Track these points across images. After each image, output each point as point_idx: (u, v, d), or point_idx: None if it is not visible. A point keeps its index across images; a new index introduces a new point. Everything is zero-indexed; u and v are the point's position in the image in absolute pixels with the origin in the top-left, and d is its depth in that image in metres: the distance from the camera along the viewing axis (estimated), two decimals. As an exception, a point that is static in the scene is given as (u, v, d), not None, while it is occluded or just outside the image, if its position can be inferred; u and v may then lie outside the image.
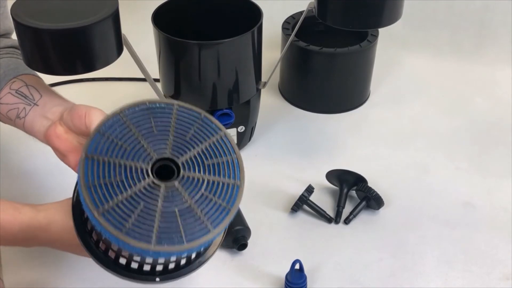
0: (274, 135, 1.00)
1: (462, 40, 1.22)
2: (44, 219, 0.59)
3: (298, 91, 1.08)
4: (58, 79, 1.08)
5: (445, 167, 0.93)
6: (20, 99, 0.72)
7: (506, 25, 1.19)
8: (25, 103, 0.71)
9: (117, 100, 1.06)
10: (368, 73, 1.07)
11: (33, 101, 0.71)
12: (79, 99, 1.10)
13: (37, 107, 0.71)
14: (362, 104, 1.09)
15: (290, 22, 1.06)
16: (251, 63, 0.86)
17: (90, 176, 0.49)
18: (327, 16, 0.81)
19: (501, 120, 1.04)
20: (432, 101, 1.09)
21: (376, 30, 1.03)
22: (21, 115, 0.71)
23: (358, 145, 0.98)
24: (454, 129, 1.02)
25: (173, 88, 0.87)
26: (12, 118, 0.72)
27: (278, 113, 1.06)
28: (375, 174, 0.88)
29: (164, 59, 0.85)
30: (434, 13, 1.22)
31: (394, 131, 1.01)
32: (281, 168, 0.92)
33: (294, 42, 1.00)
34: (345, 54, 1.00)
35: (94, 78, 1.12)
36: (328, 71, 1.03)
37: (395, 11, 0.79)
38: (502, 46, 1.20)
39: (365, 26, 0.85)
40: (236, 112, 0.88)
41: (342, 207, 0.83)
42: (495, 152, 0.96)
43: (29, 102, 0.71)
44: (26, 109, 0.71)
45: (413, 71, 1.19)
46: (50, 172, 0.90)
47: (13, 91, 0.73)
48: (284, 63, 1.08)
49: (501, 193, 0.87)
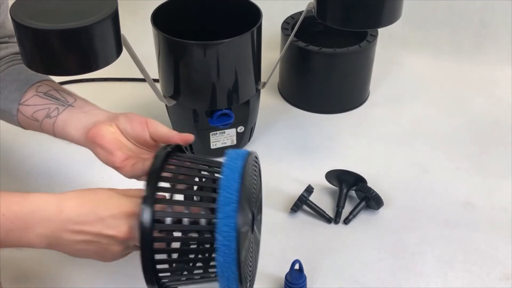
0: (274, 135, 1.00)
1: (462, 40, 1.22)
2: (55, 198, 0.57)
3: (297, 91, 1.08)
4: (58, 79, 1.08)
5: (445, 167, 0.93)
6: (51, 100, 0.73)
7: (506, 25, 1.19)
8: (57, 104, 0.73)
9: (116, 100, 1.07)
10: (368, 73, 1.07)
11: (67, 103, 0.73)
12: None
13: (73, 108, 0.72)
14: (361, 104, 1.09)
15: (289, 22, 1.06)
16: (251, 63, 0.86)
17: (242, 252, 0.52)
18: (326, 16, 0.81)
19: (501, 120, 1.04)
20: (432, 101, 1.09)
21: (376, 30, 1.03)
22: (52, 115, 0.72)
23: (357, 145, 0.98)
24: (454, 129, 1.02)
25: (173, 88, 0.87)
26: (39, 119, 0.72)
27: (277, 113, 1.06)
28: (375, 174, 0.88)
29: (163, 59, 0.85)
30: (434, 13, 1.23)
31: (394, 131, 1.01)
32: (280, 168, 0.92)
33: (294, 42, 1.00)
34: (345, 54, 1.00)
35: (94, 79, 1.12)
36: (328, 71, 1.03)
37: (394, 11, 0.79)
38: (502, 46, 1.20)
39: (364, 26, 0.85)
40: (236, 112, 0.88)
41: (341, 207, 0.83)
42: (495, 152, 0.96)
43: (62, 104, 0.73)
44: (59, 109, 0.72)
45: (412, 71, 1.19)
46: (50, 172, 0.90)
47: (40, 93, 0.74)
48: (283, 63, 1.08)
49: (501, 193, 0.87)
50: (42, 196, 0.57)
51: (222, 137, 0.91)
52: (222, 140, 0.92)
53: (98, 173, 0.87)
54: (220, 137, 0.91)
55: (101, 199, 0.58)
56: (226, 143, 0.92)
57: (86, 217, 0.56)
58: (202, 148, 0.92)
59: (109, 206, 0.57)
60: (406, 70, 1.19)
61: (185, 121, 0.89)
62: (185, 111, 0.88)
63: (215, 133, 0.90)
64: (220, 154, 0.94)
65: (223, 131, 0.90)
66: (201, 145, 0.91)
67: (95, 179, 0.86)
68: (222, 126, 0.89)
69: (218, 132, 0.90)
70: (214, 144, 0.92)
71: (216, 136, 0.91)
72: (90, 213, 0.56)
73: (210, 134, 0.90)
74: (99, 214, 0.57)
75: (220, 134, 0.91)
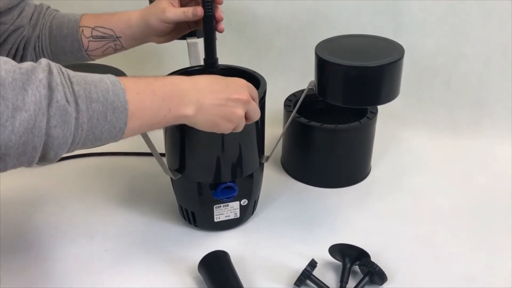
0: (277, 209, 1.01)
1: (459, 116, 1.25)
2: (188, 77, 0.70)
3: (300, 165, 1.10)
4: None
5: (447, 242, 0.93)
6: (103, 41, 0.90)
7: (502, 101, 1.22)
8: (110, 41, 0.90)
9: (122, 174, 1.09)
10: (369, 148, 1.09)
11: (113, 37, 0.90)
12: (87, 173, 1.13)
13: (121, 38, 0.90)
14: (363, 179, 1.10)
15: (291, 100, 1.10)
16: (254, 138, 0.88)
17: None
18: (326, 94, 0.84)
19: (502, 195, 1.04)
20: (432, 177, 1.11)
21: (375, 107, 1.07)
22: (118, 48, 0.91)
23: (360, 219, 0.98)
24: (455, 204, 1.02)
25: (178, 162, 0.89)
26: (111, 52, 0.92)
27: (280, 187, 1.07)
28: (378, 249, 0.88)
29: (169, 133, 0.88)
30: (431, 91, 1.26)
31: (396, 206, 1.02)
32: (283, 242, 0.92)
33: (296, 118, 1.03)
34: (346, 130, 1.02)
35: (101, 153, 1.15)
36: (329, 146, 1.05)
37: (392, 90, 0.82)
38: (499, 122, 1.23)
39: (364, 103, 0.87)
40: (240, 185, 0.89)
41: (345, 282, 0.82)
42: (496, 227, 0.96)
43: (113, 39, 0.90)
44: (116, 43, 0.91)
45: (412, 147, 1.21)
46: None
47: (90, 38, 0.90)
48: (286, 138, 1.11)
49: (502, 269, 0.86)
50: (177, 76, 0.71)
51: (226, 210, 0.92)
52: (225, 213, 0.92)
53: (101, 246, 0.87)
54: (224, 210, 0.92)
55: (223, 77, 0.74)
56: (229, 216, 0.93)
57: (217, 86, 0.71)
58: (206, 221, 0.92)
59: (231, 78, 0.74)
60: (406, 146, 1.21)
61: (190, 193, 0.90)
62: (189, 184, 0.90)
63: (218, 206, 0.91)
64: (223, 227, 0.94)
65: (226, 204, 0.91)
66: (205, 217, 0.92)
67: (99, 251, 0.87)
68: (226, 199, 0.90)
69: (222, 205, 0.91)
70: (217, 217, 0.92)
71: (219, 209, 0.91)
72: (219, 83, 0.72)
73: (214, 207, 0.91)
74: (227, 83, 0.72)
75: (223, 207, 0.92)
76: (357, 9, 1.22)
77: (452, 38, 1.21)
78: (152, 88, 0.64)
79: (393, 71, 0.80)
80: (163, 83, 0.66)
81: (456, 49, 1.22)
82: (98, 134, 0.59)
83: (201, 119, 0.70)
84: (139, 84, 0.63)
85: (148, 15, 0.87)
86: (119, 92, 0.60)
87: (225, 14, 0.86)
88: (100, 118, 0.58)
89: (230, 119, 0.72)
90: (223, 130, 0.73)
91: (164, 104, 0.65)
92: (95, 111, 0.57)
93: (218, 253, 0.82)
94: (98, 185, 1.07)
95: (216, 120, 0.71)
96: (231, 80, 0.74)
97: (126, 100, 0.60)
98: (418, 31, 1.22)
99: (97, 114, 0.58)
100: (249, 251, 0.89)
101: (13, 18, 0.87)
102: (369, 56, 0.80)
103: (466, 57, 1.22)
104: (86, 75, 0.59)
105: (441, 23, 1.20)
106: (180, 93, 0.67)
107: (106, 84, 0.60)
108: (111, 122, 0.59)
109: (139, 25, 0.89)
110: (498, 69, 1.21)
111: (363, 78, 0.78)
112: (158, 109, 0.65)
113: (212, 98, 0.70)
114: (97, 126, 0.58)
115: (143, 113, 0.63)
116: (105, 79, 0.60)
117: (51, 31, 0.91)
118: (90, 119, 0.57)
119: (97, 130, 0.58)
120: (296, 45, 1.28)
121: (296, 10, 1.25)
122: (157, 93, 0.65)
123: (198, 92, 0.69)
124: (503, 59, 1.20)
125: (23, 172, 1.02)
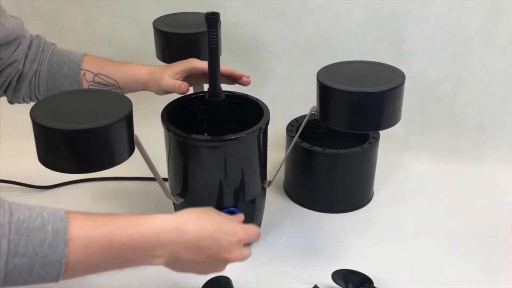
0: (279, 234, 1.00)
1: (461, 142, 1.26)
2: (175, 221, 0.63)
3: (302, 190, 1.10)
4: (70, 177, 1.11)
5: (449, 268, 0.92)
6: (104, 87, 0.91)
7: (504, 127, 1.23)
8: (111, 89, 0.91)
9: (125, 198, 1.09)
10: (371, 173, 1.09)
11: (115, 87, 0.91)
12: (89, 198, 1.13)
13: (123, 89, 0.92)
14: (366, 204, 1.10)
15: (294, 125, 1.11)
16: (257, 162, 0.88)
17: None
18: (328, 119, 0.84)
19: (504, 221, 1.04)
20: (434, 203, 1.10)
21: (377, 132, 1.07)
22: None
23: (363, 245, 0.97)
24: (457, 230, 1.02)
25: (181, 186, 0.89)
26: None
27: (283, 212, 1.07)
28: (381, 274, 0.87)
29: (172, 158, 0.88)
30: (433, 117, 1.27)
31: (399, 231, 1.01)
32: (286, 268, 0.91)
33: (298, 143, 1.04)
34: (348, 155, 1.03)
35: (104, 178, 1.15)
36: (332, 171, 1.05)
37: (393, 115, 0.82)
38: (501, 148, 1.23)
39: (365, 129, 0.87)
40: (242, 210, 0.89)
41: (348, 308, 0.82)
42: (498, 253, 0.95)
43: (115, 88, 0.91)
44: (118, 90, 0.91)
45: (414, 172, 1.21)
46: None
47: (91, 83, 0.91)
48: (288, 163, 1.11)
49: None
50: (163, 218, 0.63)
51: (228, 235, 0.92)
52: (228, 238, 0.92)
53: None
54: (226, 235, 0.91)
55: (218, 224, 0.65)
56: (231, 241, 0.93)
57: (205, 242, 0.63)
58: (208, 246, 0.92)
59: (226, 232, 0.65)
60: (408, 172, 1.21)
61: (192, 219, 0.90)
62: (192, 209, 0.89)
63: (221, 231, 0.91)
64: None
65: (229, 229, 0.91)
66: (207, 243, 0.92)
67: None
68: (228, 224, 0.89)
69: (224, 230, 0.91)
70: (219, 242, 0.92)
71: (222, 234, 0.91)
72: (210, 238, 0.64)
73: (216, 232, 0.91)
74: (218, 239, 0.64)
75: (226, 232, 0.91)
76: (359, 36, 1.24)
77: (453, 65, 1.22)
78: (111, 238, 0.58)
79: (395, 97, 0.80)
80: (130, 234, 0.59)
81: (457, 76, 1.23)
82: (21, 283, 0.55)
83: (173, 268, 0.65)
84: (95, 233, 0.58)
85: (149, 81, 0.92)
86: (58, 244, 0.55)
87: (228, 41, 0.87)
88: (24, 272, 0.54)
89: (207, 271, 0.69)
90: None
91: (122, 255, 0.60)
92: (17, 265, 0.53)
93: (220, 279, 0.82)
94: (101, 210, 1.05)
95: (190, 270, 0.67)
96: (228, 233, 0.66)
97: (64, 254, 0.55)
98: (419, 57, 1.23)
99: (20, 268, 0.54)
100: (252, 276, 0.89)
101: (11, 52, 0.87)
102: (370, 82, 0.81)
103: (468, 84, 1.23)
104: (29, 220, 0.54)
105: (442, 50, 1.21)
106: (150, 245, 0.61)
107: (45, 234, 0.54)
108: (38, 275, 0.55)
109: (144, 85, 0.93)
110: (499, 95, 1.22)
111: (364, 103, 0.78)
112: (109, 261, 0.60)
113: (193, 254, 0.63)
114: (18, 278, 0.54)
115: (87, 265, 0.58)
116: (47, 227, 0.55)
117: (51, 68, 0.91)
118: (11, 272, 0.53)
119: (19, 280, 0.54)
120: (298, 71, 1.30)
121: (298, 37, 1.26)
122: (115, 245, 0.59)
123: (178, 244, 0.62)
124: (504, 85, 1.21)
125: (25, 198, 1.02)
